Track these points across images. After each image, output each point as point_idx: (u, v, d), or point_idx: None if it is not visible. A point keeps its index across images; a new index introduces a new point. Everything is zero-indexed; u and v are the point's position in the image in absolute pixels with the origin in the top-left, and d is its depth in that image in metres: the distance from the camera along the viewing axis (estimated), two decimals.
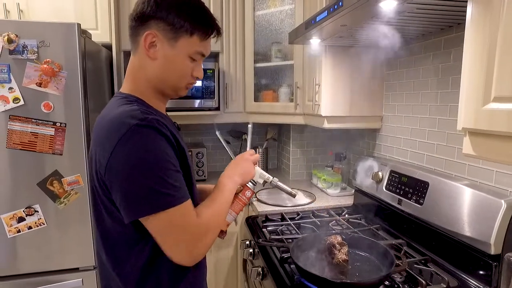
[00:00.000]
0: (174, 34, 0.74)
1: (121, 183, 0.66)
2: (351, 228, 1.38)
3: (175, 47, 0.74)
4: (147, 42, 0.74)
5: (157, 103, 0.80)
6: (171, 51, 0.75)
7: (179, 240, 0.69)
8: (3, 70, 1.33)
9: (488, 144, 0.70)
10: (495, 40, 0.64)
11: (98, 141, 0.70)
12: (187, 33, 0.74)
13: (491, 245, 0.92)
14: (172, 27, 0.73)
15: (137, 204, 0.66)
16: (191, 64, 0.78)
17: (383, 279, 0.93)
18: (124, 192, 0.67)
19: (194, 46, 0.76)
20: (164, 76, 0.77)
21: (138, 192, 0.66)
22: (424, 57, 1.36)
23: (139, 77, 0.77)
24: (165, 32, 0.73)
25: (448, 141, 1.25)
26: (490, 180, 1.07)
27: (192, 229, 0.70)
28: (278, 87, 2.05)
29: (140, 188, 0.65)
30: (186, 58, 0.76)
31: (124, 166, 0.65)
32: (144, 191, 0.65)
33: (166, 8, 0.73)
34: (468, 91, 0.72)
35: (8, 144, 1.37)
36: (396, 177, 1.37)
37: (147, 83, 0.77)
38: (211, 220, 0.75)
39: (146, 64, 0.76)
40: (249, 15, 2.02)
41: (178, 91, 0.80)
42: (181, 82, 0.79)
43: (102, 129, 0.70)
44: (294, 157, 2.23)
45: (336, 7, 0.99)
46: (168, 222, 0.67)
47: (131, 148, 0.65)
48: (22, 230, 1.43)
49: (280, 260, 1.14)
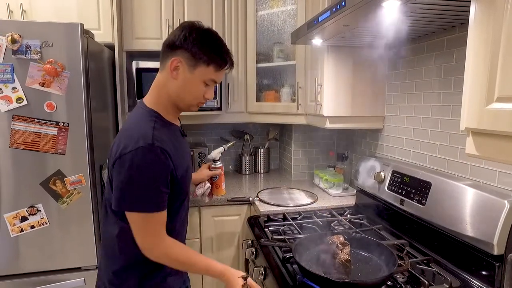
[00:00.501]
0: (194, 62, 0.93)
1: (122, 180, 0.86)
2: (353, 228, 1.38)
3: (193, 73, 0.93)
4: (172, 65, 0.93)
5: (172, 114, 1.00)
6: (189, 75, 0.94)
7: (144, 237, 0.91)
8: (7, 70, 1.34)
9: (492, 144, 0.70)
10: (499, 39, 0.64)
11: (118, 142, 0.90)
12: (205, 63, 0.93)
13: (494, 246, 0.92)
14: (193, 57, 0.92)
15: (127, 200, 0.87)
16: (204, 88, 0.97)
17: (386, 279, 0.93)
18: (120, 187, 0.86)
19: (208, 74, 0.95)
20: (181, 94, 0.96)
21: (130, 191, 0.86)
22: (427, 57, 1.35)
23: (163, 92, 0.97)
24: (187, 60, 0.93)
25: (450, 141, 1.25)
26: (493, 180, 1.06)
27: (153, 237, 0.91)
28: (280, 87, 2.05)
29: (133, 190, 0.86)
30: (200, 83, 0.95)
31: (126, 170, 0.85)
32: (136, 193, 0.86)
33: (191, 42, 0.91)
34: (471, 91, 0.72)
35: (11, 143, 1.38)
36: (398, 177, 1.37)
37: (168, 98, 0.97)
38: (170, 253, 0.93)
39: (169, 82, 0.95)
40: (251, 15, 2.02)
41: (190, 107, 1.00)
42: (193, 101, 0.98)
43: (124, 134, 0.90)
44: (296, 157, 2.23)
45: (338, 7, 0.99)
46: (143, 221, 0.89)
47: (135, 160, 0.85)
48: (25, 230, 1.44)
49: (282, 260, 1.14)
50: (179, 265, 0.95)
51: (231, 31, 2.06)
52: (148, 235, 0.90)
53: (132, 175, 0.85)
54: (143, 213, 0.88)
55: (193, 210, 1.79)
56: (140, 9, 1.91)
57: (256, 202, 1.74)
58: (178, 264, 0.95)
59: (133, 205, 0.87)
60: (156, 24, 1.94)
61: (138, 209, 0.87)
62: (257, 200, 1.76)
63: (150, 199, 0.87)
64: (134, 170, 0.84)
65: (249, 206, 1.84)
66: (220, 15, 2.02)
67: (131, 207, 0.88)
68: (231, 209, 1.83)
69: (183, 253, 0.94)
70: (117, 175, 0.87)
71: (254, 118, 2.12)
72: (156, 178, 0.87)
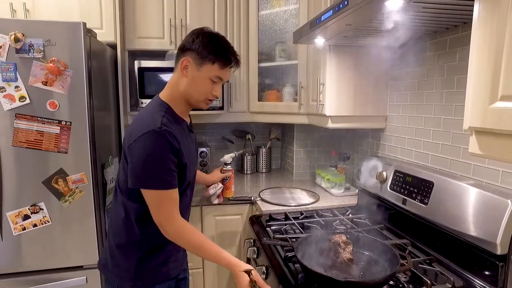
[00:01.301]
0: (201, 61, 1.03)
1: (136, 161, 0.97)
2: (355, 227, 1.37)
3: (200, 70, 1.03)
4: (182, 65, 1.04)
5: (183, 109, 1.11)
6: (197, 73, 1.04)
7: (158, 214, 1.00)
8: (10, 69, 1.34)
9: (495, 143, 0.69)
10: (503, 37, 0.63)
11: (132, 128, 1.01)
12: (210, 61, 1.02)
13: (497, 245, 0.91)
14: (200, 56, 1.02)
15: (141, 179, 0.97)
16: (211, 85, 1.06)
17: (388, 278, 0.92)
18: (134, 167, 0.97)
19: (214, 71, 1.04)
20: (189, 90, 1.06)
21: (144, 171, 0.96)
22: (429, 57, 1.35)
23: (176, 89, 1.07)
24: (195, 59, 1.03)
25: (453, 141, 1.25)
26: (496, 180, 1.06)
27: (167, 214, 1.00)
28: (282, 87, 2.05)
29: (146, 169, 0.96)
30: (207, 80, 1.04)
31: (140, 150, 0.96)
32: (149, 172, 0.96)
33: (198, 43, 1.02)
34: (474, 90, 0.72)
35: (14, 142, 1.38)
36: (400, 177, 1.37)
37: (179, 94, 1.07)
38: (183, 233, 1.01)
39: (180, 80, 1.06)
40: (253, 14, 2.02)
41: (199, 103, 1.09)
42: (201, 97, 1.07)
43: (138, 121, 1.02)
44: (298, 157, 2.23)
45: (341, 6, 0.99)
46: (157, 198, 0.98)
47: (146, 142, 0.95)
48: (27, 228, 1.44)
49: (284, 259, 1.14)
50: (190, 247, 1.02)
51: (233, 30, 2.06)
52: (161, 212, 0.99)
53: (144, 155, 0.95)
54: (156, 190, 0.97)
55: (195, 209, 1.79)
56: (142, 9, 1.91)
57: (258, 201, 1.74)
58: (189, 246, 1.02)
59: (147, 183, 0.97)
60: (158, 23, 1.94)
61: (152, 187, 0.97)
62: (259, 199, 1.76)
63: (162, 178, 0.96)
64: (146, 151, 0.95)
65: (250, 206, 1.84)
66: (222, 14, 2.02)
67: (145, 184, 0.97)
68: (232, 209, 1.83)
69: (196, 236, 1.01)
70: (131, 157, 0.97)
71: (256, 117, 2.12)
72: (166, 159, 0.96)
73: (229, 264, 1.01)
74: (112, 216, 1.13)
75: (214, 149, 2.47)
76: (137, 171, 0.97)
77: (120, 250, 1.07)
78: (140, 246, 1.06)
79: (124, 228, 1.06)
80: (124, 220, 1.06)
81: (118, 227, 1.08)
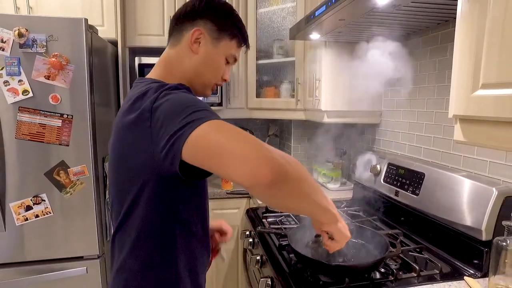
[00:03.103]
0: (218, 35, 0.81)
1: (172, 106, 0.65)
2: (349, 219, 1.41)
3: (217, 46, 0.81)
4: (193, 37, 0.79)
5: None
6: (212, 49, 0.81)
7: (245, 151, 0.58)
8: (14, 63, 1.38)
9: (477, 129, 0.73)
10: (483, 32, 0.67)
11: (128, 109, 0.71)
12: (229, 36, 0.82)
13: (482, 232, 0.94)
14: (218, 28, 0.80)
15: (188, 121, 0.61)
16: (223, 66, 0.84)
17: (377, 262, 0.96)
18: (172, 114, 0.63)
19: (231, 49, 0.83)
20: (200, 70, 0.82)
21: (188, 112, 0.62)
22: (422, 52, 1.38)
23: (174, 67, 0.82)
24: (211, 31, 0.80)
25: (444, 134, 1.28)
26: (484, 170, 1.09)
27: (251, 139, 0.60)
28: (280, 84, 2.09)
29: (189, 110, 0.63)
30: (223, 59, 0.83)
31: (171, 101, 0.66)
32: (194, 110, 0.62)
33: (215, 11, 0.81)
34: (458, 79, 0.75)
35: (17, 134, 1.42)
36: (393, 169, 1.40)
37: (181, 75, 0.81)
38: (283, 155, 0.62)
39: (185, 57, 0.81)
40: (252, 12, 2.06)
41: (206, 88, 0.85)
42: (212, 80, 0.84)
43: (134, 99, 0.71)
44: (295, 152, 2.26)
45: (334, 1, 1.03)
46: (220, 130, 0.61)
47: (173, 94, 0.67)
48: (30, 219, 1.48)
49: (278, 248, 1.17)
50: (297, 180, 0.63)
51: None
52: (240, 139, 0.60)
53: (176, 103, 0.65)
54: (212, 121, 0.61)
55: None
56: (143, 6, 1.95)
57: None
58: (297, 176, 0.62)
59: (194, 123, 0.60)
60: (159, 21, 1.98)
61: (204, 120, 0.60)
62: None
63: (208, 110, 0.64)
64: (173, 100, 0.66)
65: (248, 200, 1.87)
66: None
67: (192, 125, 0.60)
68: (230, 202, 1.86)
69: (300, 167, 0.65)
70: (160, 113, 0.65)
71: (254, 113, 2.16)
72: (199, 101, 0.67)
73: (336, 215, 0.76)
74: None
75: None
76: (180, 115, 0.62)
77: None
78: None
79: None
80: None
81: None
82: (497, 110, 0.65)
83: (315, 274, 0.97)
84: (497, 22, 0.64)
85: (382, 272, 1.00)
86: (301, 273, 1.00)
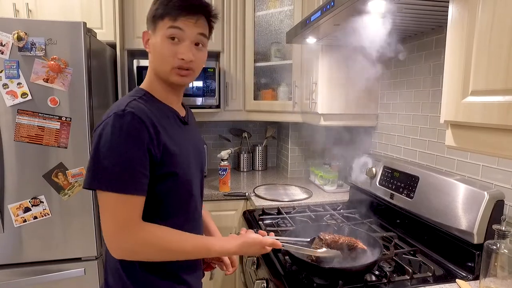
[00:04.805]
0: (154, 24, 0.83)
1: (92, 155, 0.75)
2: (345, 222, 1.42)
3: (156, 34, 0.83)
4: (144, 39, 0.87)
5: (164, 94, 0.88)
6: (154, 39, 0.83)
7: (108, 225, 0.74)
8: (13, 66, 1.40)
9: (467, 135, 0.74)
10: (472, 39, 0.69)
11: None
12: (160, 17, 0.81)
13: (474, 235, 0.96)
14: (152, 18, 0.83)
15: (91, 176, 0.73)
16: (171, 46, 0.81)
17: (370, 265, 0.97)
18: (90, 162, 0.75)
19: (166, 25, 0.81)
20: (155, 63, 0.86)
21: (96, 166, 0.73)
22: (417, 56, 1.40)
23: (150, 71, 0.89)
24: (150, 25, 0.85)
25: (438, 138, 1.29)
26: (477, 174, 1.11)
27: (124, 225, 0.73)
28: (277, 86, 2.10)
29: (103, 164, 0.72)
30: (164, 40, 0.81)
31: (96, 142, 0.74)
32: (106, 169, 0.72)
33: (150, 10, 0.85)
34: (449, 86, 0.76)
35: (16, 137, 1.43)
36: (389, 173, 1.41)
37: (155, 75, 0.87)
38: (151, 241, 0.76)
39: (150, 60, 0.88)
40: (250, 15, 2.07)
41: (168, 77, 0.84)
42: (165, 66, 0.83)
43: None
44: (293, 154, 2.27)
45: (328, 7, 1.04)
46: (112, 203, 0.73)
47: (104, 130, 0.74)
48: (28, 220, 1.49)
49: (273, 249, 1.18)
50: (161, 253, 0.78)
51: (230, 31, 2.11)
52: (116, 222, 0.73)
53: (101, 146, 0.72)
54: (109, 193, 0.72)
55: None
56: (141, 9, 1.96)
57: (252, 197, 1.78)
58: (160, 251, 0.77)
59: (101, 182, 0.72)
60: None
61: (108, 188, 0.72)
62: (253, 195, 1.81)
63: (121, 177, 0.72)
64: (103, 141, 0.73)
65: (245, 202, 1.88)
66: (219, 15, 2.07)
67: (99, 185, 0.72)
68: (228, 204, 1.87)
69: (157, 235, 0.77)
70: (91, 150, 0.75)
71: (251, 116, 2.17)
72: (129, 149, 0.73)
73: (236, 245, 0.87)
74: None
75: (211, 147, 2.52)
76: (92, 168, 0.73)
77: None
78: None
79: None
80: None
81: None
82: (485, 117, 0.66)
83: (310, 277, 0.98)
84: (485, 30, 0.65)
85: (376, 275, 1.01)
86: (296, 275, 1.01)
